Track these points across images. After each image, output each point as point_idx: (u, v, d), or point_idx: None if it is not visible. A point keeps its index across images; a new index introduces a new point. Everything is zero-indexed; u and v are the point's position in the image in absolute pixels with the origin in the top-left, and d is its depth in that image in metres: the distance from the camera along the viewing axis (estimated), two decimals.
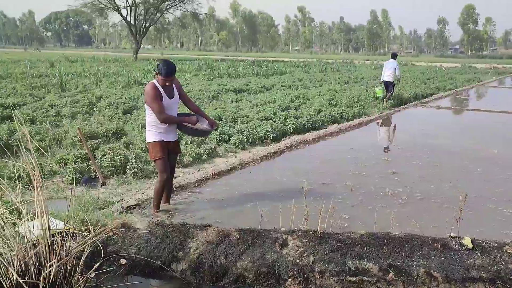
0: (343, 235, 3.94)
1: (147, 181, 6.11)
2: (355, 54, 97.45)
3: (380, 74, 15.52)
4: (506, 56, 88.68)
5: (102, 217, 4.11)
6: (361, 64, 45.87)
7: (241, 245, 3.78)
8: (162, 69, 4.40)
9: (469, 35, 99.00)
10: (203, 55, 65.57)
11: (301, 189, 5.79)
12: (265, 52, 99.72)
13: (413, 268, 3.53)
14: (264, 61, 36.28)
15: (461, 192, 5.71)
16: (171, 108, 4.63)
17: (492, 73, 34.97)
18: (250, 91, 16.39)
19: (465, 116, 13.20)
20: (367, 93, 15.84)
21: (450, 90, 20.64)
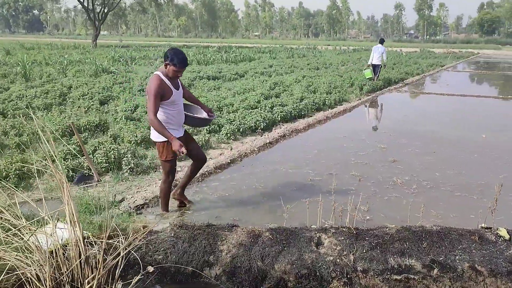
0: (378, 230, 3.79)
1: (145, 177, 5.76)
2: (315, 40, 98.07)
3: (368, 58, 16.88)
4: (459, 41, 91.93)
5: (118, 221, 3.77)
6: (324, 49, 46.16)
7: (276, 246, 3.56)
8: (174, 58, 3.92)
9: (424, 20, 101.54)
10: (163, 41, 64.07)
11: (309, 181, 5.69)
12: (225, 38, 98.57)
13: (456, 263, 3.43)
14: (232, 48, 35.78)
15: (465, 179, 5.78)
16: (179, 100, 4.25)
17: (451, 58, 36.06)
18: (224, 78, 16.05)
19: (442, 101, 13.41)
20: (342, 79, 15.81)
21: (418, 75, 21.05)
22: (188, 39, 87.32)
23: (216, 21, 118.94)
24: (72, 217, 2.61)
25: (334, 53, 38.57)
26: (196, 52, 27.98)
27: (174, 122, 4.26)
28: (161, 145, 4.26)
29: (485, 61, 37.09)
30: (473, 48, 62.75)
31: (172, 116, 4.21)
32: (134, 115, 8.89)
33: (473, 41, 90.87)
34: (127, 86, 12.77)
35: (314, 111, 10.59)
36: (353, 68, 21.51)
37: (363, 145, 7.53)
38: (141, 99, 10.53)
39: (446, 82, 18.77)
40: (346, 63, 25.85)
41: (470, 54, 45.13)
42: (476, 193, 5.29)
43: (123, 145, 6.65)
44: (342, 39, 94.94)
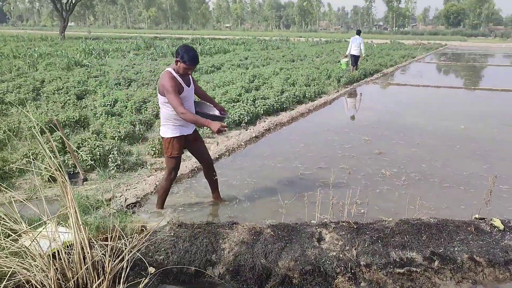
0: (378, 224, 3.83)
1: (133, 174, 5.63)
2: (286, 31, 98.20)
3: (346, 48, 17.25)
4: (427, 32, 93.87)
5: (115, 221, 3.66)
6: (296, 41, 46.27)
7: (278, 243, 3.54)
8: (185, 55, 3.84)
9: (393, 12, 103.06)
10: (133, 33, 62.84)
11: (300, 175, 5.69)
12: (197, 30, 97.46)
13: (456, 255, 3.49)
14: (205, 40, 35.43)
15: (451, 170, 5.90)
16: (189, 97, 4.17)
17: (421, 49, 36.78)
18: (201, 71, 15.87)
19: (418, 92, 13.64)
20: (319, 72, 15.87)
21: (392, 66, 21.37)
22: (159, 30, 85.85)
23: (187, 13, 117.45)
24: (76, 221, 2.50)
25: (307, 44, 38.68)
26: (169, 44, 27.54)
27: (182, 121, 4.14)
28: (168, 141, 4.20)
29: (453, 52, 37.97)
30: (440, 39, 64.16)
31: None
32: (115, 110, 8.66)
33: (440, 32, 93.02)
34: (103, 79, 12.45)
35: (295, 104, 10.61)
36: (328, 60, 21.63)
37: (348, 138, 7.58)
38: (118, 93, 10.29)
39: (419, 74, 19.11)
40: (320, 55, 25.97)
41: (439, 45, 46.13)
42: (463, 184, 5.41)
43: (106, 141, 6.48)
44: (313, 31, 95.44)
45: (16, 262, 2.49)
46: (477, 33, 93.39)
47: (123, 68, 15.35)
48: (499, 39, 74.58)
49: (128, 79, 12.59)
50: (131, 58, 19.54)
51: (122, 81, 12.27)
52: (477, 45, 53.89)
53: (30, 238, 2.56)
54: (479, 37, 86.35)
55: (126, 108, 8.88)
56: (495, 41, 69.41)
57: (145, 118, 7.94)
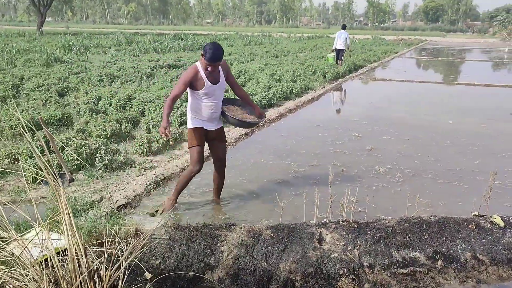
0: (379, 223, 3.75)
1: (121, 174, 5.44)
2: (268, 27, 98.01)
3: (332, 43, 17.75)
4: (407, 28, 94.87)
5: (107, 224, 3.50)
6: (278, 36, 46.14)
7: (278, 244, 3.42)
8: (207, 52, 3.85)
9: (374, 7, 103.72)
10: (113, 29, 61.87)
11: (294, 172, 5.60)
12: (177, 25, 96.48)
13: (459, 253, 3.43)
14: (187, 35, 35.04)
15: (444, 166, 5.87)
16: (214, 94, 4.11)
17: (403, 45, 37.09)
18: (185, 67, 15.62)
19: (403, 87, 13.69)
20: (304, 67, 15.79)
21: (375, 62, 21.44)
22: (139, 26, 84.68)
23: (168, 8, 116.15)
24: (70, 226, 2.34)
25: (289, 40, 38.58)
26: (151, 39, 27.15)
27: (204, 114, 4.18)
28: (188, 132, 4.30)
29: (434, 48, 38.39)
30: (420, 35, 64.84)
31: (203, 107, 4.14)
32: (99, 107, 8.42)
33: (419, 28, 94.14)
34: (85, 76, 12.13)
35: (283, 100, 10.51)
36: (311, 55, 21.58)
37: (338, 134, 7.51)
38: (102, 90, 10.02)
39: (403, 69, 19.22)
40: (303, 50, 25.93)
41: (419, 41, 46.58)
42: (457, 180, 5.38)
43: (91, 140, 6.27)
44: (295, 27, 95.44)
45: (6, 272, 2.32)
46: (456, 29, 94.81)
47: (105, 65, 15.01)
48: (477, 35, 75.79)
49: (111, 75, 12.30)
50: (113, 54, 19.14)
51: (104, 77, 11.97)
52: (457, 40, 54.63)
53: (20, 246, 2.39)
54: (457, 32, 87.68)
55: (111, 105, 8.64)
56: (473, 36, 70.52)
57: (131, 116, 7.73)
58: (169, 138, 3.89)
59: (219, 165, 4.54)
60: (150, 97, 9.02)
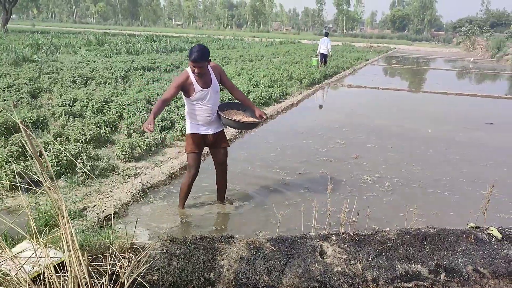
0: (379, 235, 3.68)
1: (105, 181, 5.20)
2: (239, 31, 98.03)
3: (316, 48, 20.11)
4: (375, 35, 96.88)
5: (99, 237, 3.29)
6: (250, 41, 46.17)
7: (280, 258, 3.30)
8: (191, 53, 3.80)
9: (343, 15, 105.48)
10: (81, 28, 60.44)
11: (283, 181, 5.51)
12: (147, 26, 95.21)
13: (460, 266, 3.40)
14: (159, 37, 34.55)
15: (431, 175, 5.91)
16: (206, 98, 4.06)
17: (373, 52, 37.78)
18: (160, 70, 15.34)
19: (378, 94, 13.87)
20: (280, 73, 15.78)
21: (348, 68, 21.68)
22: (108, 26, 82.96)
23: (137, 9, 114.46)
24: (72, 245, 2.16)
25: (261, 45, 38.64)
26: (123, 40, 26.60)
27: (200, 119, 4.17)
28: (186, 137, 4.33)
29: (403, 56, 39.27)
30: (388, 43, 66.37)
31: (198, 113, 4.12)
32: (75, 110, 8.09)
33: (387, 36, 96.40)
34: (57, 77, 11.70)
35: (262, 106, 10.42)
36: (286, 60, 21.62)
37: (322, 141, 7.47)
38: (77, 92, 9.68)
39: (376, 76, 19.51)
40: (276, 55, 25.97)
41: (388, 49, 47.62)
42: (446, 189, 5.41)
43: (71, 144, 5.99)
44: (265, 31, 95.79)
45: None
46: (421, 38, 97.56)
47: (76, 65, 14.56)
48: (441, 44, 78.22)
49: (84, 76, 11.91)
50: (84, 54, 18.60)
51: (78, 78, 11.58)
52: (423, 49, 56.12)
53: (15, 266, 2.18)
54: (423, 41, 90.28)
55: (87, 108, 8.34)
56: (438, 46, 72.71)
57: (110, 119, 7.46)
58: (151, 132, 3.78)
59: (221, 169, 4.53)
60: (128, 100, 8.75)
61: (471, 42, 54.92)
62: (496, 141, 8.05)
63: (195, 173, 4.32)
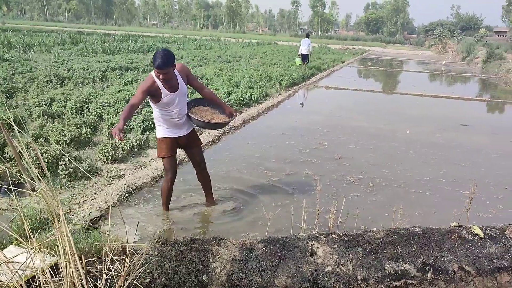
0: (367, 235, 3.74)
1: (88, 183, 5.12)
2: (214, 31, 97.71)
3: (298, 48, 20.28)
4: (349, 38, 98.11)
5: (89, 240, 3.24)
6: (227, 41, 46.07)
7: (272, 259, 3.32)
8: (155, 59, 3.68)
9: (318, 17, 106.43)
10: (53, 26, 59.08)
11: (269, 181, 5.54)
12: (122, 26, 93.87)
13: (446, 265, 3.49)
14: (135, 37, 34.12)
15: (412, 176, 6.04)
16: (175, 102, 3.96)
17: (349, 54, 38.23)
18: (138, 70, 15.14)
19: (356, 96, 14.07)
20: (259, 74, 15.81)
21: (326, 70, 21.89)
22: (81, 25, 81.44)
23: (112, 8, 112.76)
24: (70, 250, 2.12)
25: (238, 46, 38.56)
26: (99, 40, 26.18)
27: (169, 123, 4.10)
28: (157, 142, 4.25)
29: (377, 58, 39.87)
30: (362, 45, 67.25)
31: (167, 118, 4.05)
32: (53, 110, 7.92)
33: (361, 38, 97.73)
34: (32, 76, 11.43)
35: (243, 107, 10.43)
36: (264, 62, 21.66)
37: (304, 142, 7.53)
38: (54, 92, 9.48)
39: (353, 78, 19.79)
40: (254, 56, 25.99)
41: (363, 51, 48.25)
42: (427, 189, 5.54)
43: (51, 146, 5.87)
44: (242, 32, 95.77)
45: None
46: (395, 40, 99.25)
47: (51, 65, 14.24)
48: (414, 47, 79.83)
49: (60, 76, 11.67)
50: (59, 53, 18.22)
51: (54, 78, 11.34)
52: (397, 51, 57.13)
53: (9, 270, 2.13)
54: (396, 44, 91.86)
55: (65, 108, 8.18)
56: (411, 48, 74.18)
57: (90, 120, 7.33)
58: (122, 141, 3.76)
59: (199, 169, 4.53)
60: (108, 101, 8.63)
61: (442, 45, 56.27)
62: (471, 142, 8.28)
63: (173, 177, 4.27)
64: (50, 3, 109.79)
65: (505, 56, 30.87)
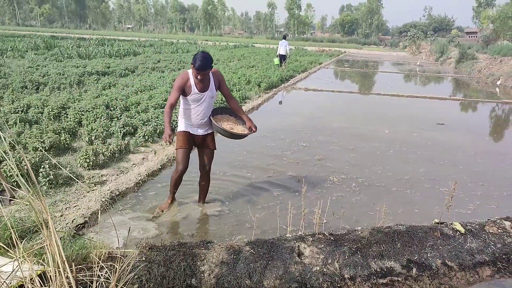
0: (352, 234, 3.80)
1: (70, 190, 5.04)
2: (191, 34, 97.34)
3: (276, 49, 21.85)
4: (325, 39, 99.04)
5: (74, 248, 3.19)
6: (204, 44, 45.94)
7: (260, 261, 3.34)
8: (196, 61, 3.97)
9: (294, 19, 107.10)
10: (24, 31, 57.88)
11: (252, 184, 5.56)
12: (96, 30, 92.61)
13: (430, 261, 3.58)
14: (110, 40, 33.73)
15: (393, 175, 6.15)
16: (201, 101, 4.24)
17: (325, 56, 38.60)
18: (115, 74, 14.98)
19: (334, 97, 14.22)
20: (237, 77, 15.83)
21: (303, 72, 22.06)
22: (54, 29, 79.95)
23: (85, 11, 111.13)
24: (60, 258, 2.09)
25: (216, 49, 38.50)
26: (73, 44, 25.77)
27: (190, 120, 4.37)
28: (177, 134, 4.50)
29: (353, 59, 40.37)
30: (338, 46, 68.00)
31: (191, 113, 4.32)
32: (29, 117, 7.77)
33: (337, 40, 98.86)
34: (6, 82, 11.18)
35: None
36: (242, 64, 21.70)
37: (286, 144, 7.58)
38: (29, 98, 9.30)
39: (330, 79, 20.00)
40: (232, 59, 26.00)
41: (339, 52, 48.76)
42: (408, 188, 5.65)
43: (30, 153, 5.76)
44: (218, 35, 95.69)
45: None
46: (370, 42, 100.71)
47: (26, 70, 13.96)
48: (389, 48, 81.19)
49: (35, 82, 11.45)
50: (33, 59, 17.86)
51: (29, 84, 11.12)
52: (372, 53, 57.97)
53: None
54: (371, 45, 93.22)
55: (43, 114, 8.04)
56: (386, 49, 75.40)
57: (69, 126, 7.22)
58: (169, 144, 4.09)
59: (204, 171, 4.66)
60: (86, 106, 8.51)
61: (416, 46, 57.33)
62: (448, 140, 8.47)
63: (183, 170, 4.44)
64: (22, 7, 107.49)
65: (477, 56, 31.65)
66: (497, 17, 53.55)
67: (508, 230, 4.09)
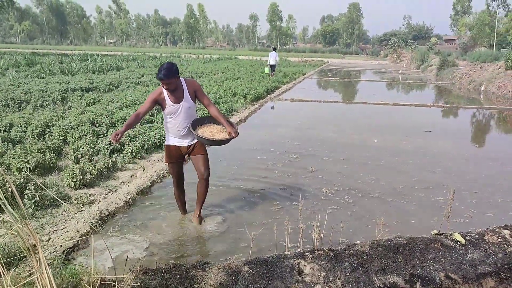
0: (353, 249, 3.70)
1: (57, 211, 4.86)
2: (174, 48, 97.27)
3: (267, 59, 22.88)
4: (308, 50, 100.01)
5: (65, 275, 3.03)
6: (187, 57, 45.89)
7: (260, 281, 3.21)
8: (159, 71, 3.99)
9: (276, 30, 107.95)
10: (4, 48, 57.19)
11: (245, 198, 5.44)
12: (78, 45, 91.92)
13: (433, 274, 3.49)
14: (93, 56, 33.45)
15: (386, 185, 6.09)
16: (177, 112, 4.23)
17: (308, 66, 38.86)
18: (99, 90, 14.77)
19: (321, 107, 14.23)
20: (223, 89, 15.76)
21: (288, 83, 22.11)
22: (35, 46, 79.13)
23: (66, 27, 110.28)
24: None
25: (199, 62, 38.47)
26: (56, 60, 25.43)
27: (172, 132, 4.39)
28: (164, 148, 4.63)
29: (336, 69, 40.74)
30: (320, 57, 68.69)
31: (170, 126, 4.34)
32: (12, 136, 7.55)
33: (319, 50, 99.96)
34: None
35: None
36: (226, 76, 21.65)
37: (276, 156, 7.49)
38: (11, 116, 9.07)
39: (315, 90, 20.06)
40: (216, 72, 25.96)
41: (322, 62, 49.20)
42: (403, 198, 5.59)
43: (13, 174, 5.57)
44: (201, 48, 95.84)
45: None
46: (351, 51, 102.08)
47: (7, 88, 13.68)
48: (370, 57, 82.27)
49: (17, 99, 11.22)
50: (14, 76, 17.55)
51: (11, 102, 10.88)
52: (355, 62, 58.66)
53: None
54: (353, 55, 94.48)
55: (26, 133, 7.83)
56: (367, 58, 76.40)
57: (54, 145, 7.03)
58: (117, 142, 4.09)
59: (200, 178, 4.57)
60: (71, 124, 8.33)
61: (397, 54, 58.17)
62: (438, 147, 8.48)
63: (177, 181, 4.61)
64: (1, 24, 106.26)
65: (457, 63, 32.18)
66: (474, 24, 54.73)
67: (508, 239, 4.04)
